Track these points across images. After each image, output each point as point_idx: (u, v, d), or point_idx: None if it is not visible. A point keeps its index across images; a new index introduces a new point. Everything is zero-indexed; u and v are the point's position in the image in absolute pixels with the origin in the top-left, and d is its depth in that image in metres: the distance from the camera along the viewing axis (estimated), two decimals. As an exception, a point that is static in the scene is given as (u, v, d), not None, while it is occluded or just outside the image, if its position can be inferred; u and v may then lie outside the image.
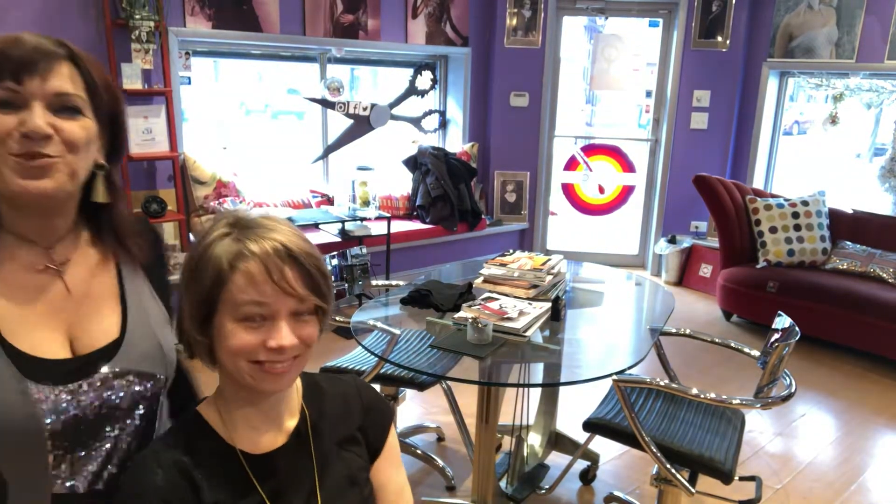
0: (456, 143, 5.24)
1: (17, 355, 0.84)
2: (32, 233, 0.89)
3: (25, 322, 0.86)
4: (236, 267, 0.87)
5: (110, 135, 0.93)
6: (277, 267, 0.87)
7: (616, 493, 2.49)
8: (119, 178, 0.97)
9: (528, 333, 1.99)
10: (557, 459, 2.66)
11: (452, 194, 4.80)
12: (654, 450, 1.92)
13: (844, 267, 4.14)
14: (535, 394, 2.72)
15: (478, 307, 2.08)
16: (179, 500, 0.87)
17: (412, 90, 5.12)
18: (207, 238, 0.91)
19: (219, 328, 0.89)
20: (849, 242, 4.30)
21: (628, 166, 5.52)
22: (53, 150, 0.83)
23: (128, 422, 0.93)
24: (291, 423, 0.99)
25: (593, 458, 2.63)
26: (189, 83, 4.00)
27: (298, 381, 1.04)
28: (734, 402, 1.88)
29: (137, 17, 3.46)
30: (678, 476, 1.91)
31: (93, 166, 0.90)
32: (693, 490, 1.93)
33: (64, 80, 0.85)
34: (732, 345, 2.40)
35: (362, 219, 4.30)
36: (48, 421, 0.84)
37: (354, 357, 2.52)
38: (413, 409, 3.10)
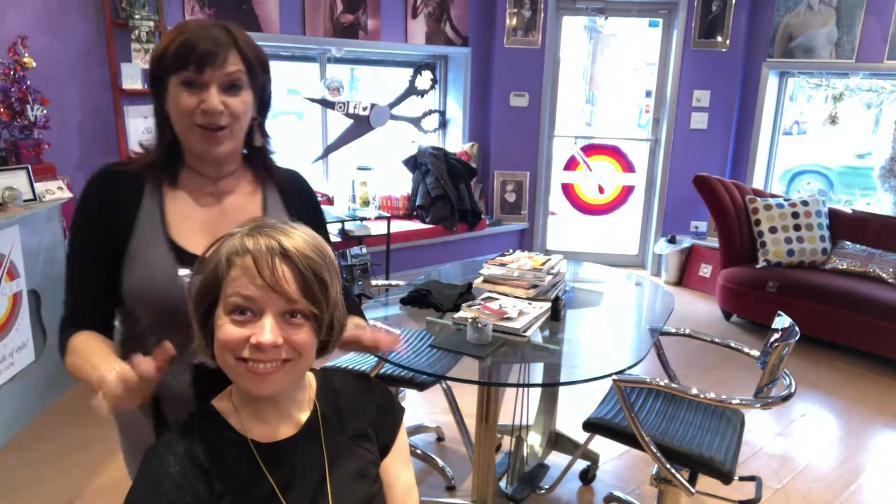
0: (456, 143, 5.24)
1: (175, 247, 1.13)
2: (207, 171, 1.19)
3: (189, 228, 1.15)
4: (232, 262, 0.89)
5: (260, 93, 1.17)
6: (268, 263, 0.88)
7: (616, 493, 2.49)
8: (265, 126, 1.23)
9: (527, 333, 1.99)
10: (557, 459, 2.66)
11: (452, 194, 4.80)
12: (654, 450, 1.92)
13: (844, 267, 4.14)
14: (535, 394, 2.72)
15: (477, 307, 2.08)
16: (191, 486, 0.89)
17: (412, 90, 5.12)
18: (224, 236, 0.94)
19: (214, 321, 0.91)
20: (848, 242, 4.30)
21: (628, 166, 5.52)
22: (224, 121, 1.10)
23: None
24: (303, 416, 1.00)
25: (593, 458, 2.63)
26: (189, 83, 4.00)
27: (313, 378, 1.06)
28: (734, 402, 1.88)
29: (137, 17, 3.46)
30: (678, 476, 1.91)
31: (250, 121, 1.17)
32: (693, 490, 1.93)
33: (232, 66, 1.09)
34: (732, 345, 2.40)
35: (362, 219, 4.30)
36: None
37: (354, 357, 2.52)
38: (413, 409, 3.10)
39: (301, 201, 1.29)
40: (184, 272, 1.10)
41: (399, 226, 4.70)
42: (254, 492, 0.92)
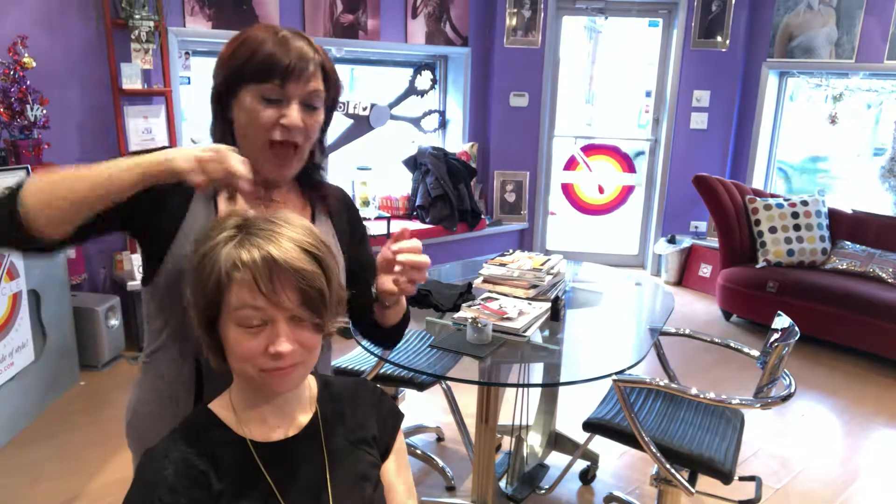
0: (456, 143, 5.24)
1: None
2: (259, 181, 1.09)
3: None
4: (232, 276, 0.88)
5: (328, 110, 1.14)
6: (266, 279, 0.87)
7: (616, 493, 2.49)
8: (324, 142, 1.21)
9: (527, 333, 1.99)
10: (557, 459, 2.66)
11: (452, 194, 4.80)
12: (654, 450, 1.92)
13: (844, 267, 4.14)
14: (535, 394, 2.72)
15: (477, 307, 2.08)
16: (185, 489, 0.89)
17: (412, 90, 5.12)
18: (212, 239, 0.91)
19: (224, 332, 0.91)
20: (848, 242, 4.30)
21: (628, 166, 5.52)
22: (299, 139, 1.07)
23: None
24: (304, 418, 1.01)
25: (593, 458, 2.63)
26: (189, 83, 4.00)
27: (313, 381, 1.06)
28: (734, 402, 1.88)
29: (137, 17, 3.46)
30: (678, 476, 1.91)
31: None
32: (693, 490, 1.93)
33: (316, 84, 1.06)
34: (732, 345, 2.40)
35: (362, 219, 4.29)
36: None
37: (354, 357, 2.52)
38: (413, 409, 3.10)
39: (346, 220, 1.27)
40: None
41: (399, 226, 4.68)
42: (252, 491, 0.92)
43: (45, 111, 3.19)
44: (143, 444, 1.06)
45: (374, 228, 4.28)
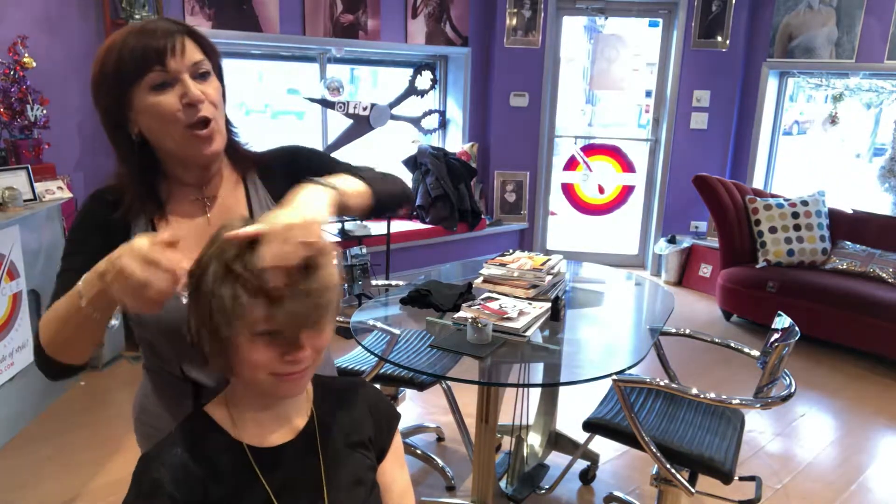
0: (456, 143, 5.24)
1: None
2: (192, 179, 1.11)
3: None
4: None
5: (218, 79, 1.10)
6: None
7: (616, 493, 2.49)
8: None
9: (527, 333, 1.99)
10: (557, 459, 2.66)
11: (452, 194, 4.80)
12: (654, 450, 1.92)
13: (844, 267, 4.14)
14: (535, 394, 2.72)
15: (477, 307, 2.08)
16: (181, 495, 0.88)
17: (412, 90, 5.12)
18: (207, 269, 0.87)
19: (234, 341, 0.87)
20: (848, 242, 4.30)
21: (628, 166, 5.52)
22: (208, 112, 1.02)
23: None
24: (300, 422, 1.00)
25: (593, 458, 2.63)
26: (189, 83, 4.00)
27: (308, 384, 1.05)
28: (734, 402, 1.88)
29: (137, 16, 3.46)
30: (678, 476, 1.91)
31: None
32: (693, 490, 1.93)
33: (196, 55, 1.03)
34: (732, 345, 2.40)
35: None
36: None
37: (354, 357, 2.52)
38: (413, 409, 3.10)
39: (282, 174, 1.17)
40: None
41: (399, 226, 4.69)
42: (248, 497, 0.92)
43: (45, 111, 3.19)
44: (152, 440, 1.07)
45: (375, 228, 4.28)
